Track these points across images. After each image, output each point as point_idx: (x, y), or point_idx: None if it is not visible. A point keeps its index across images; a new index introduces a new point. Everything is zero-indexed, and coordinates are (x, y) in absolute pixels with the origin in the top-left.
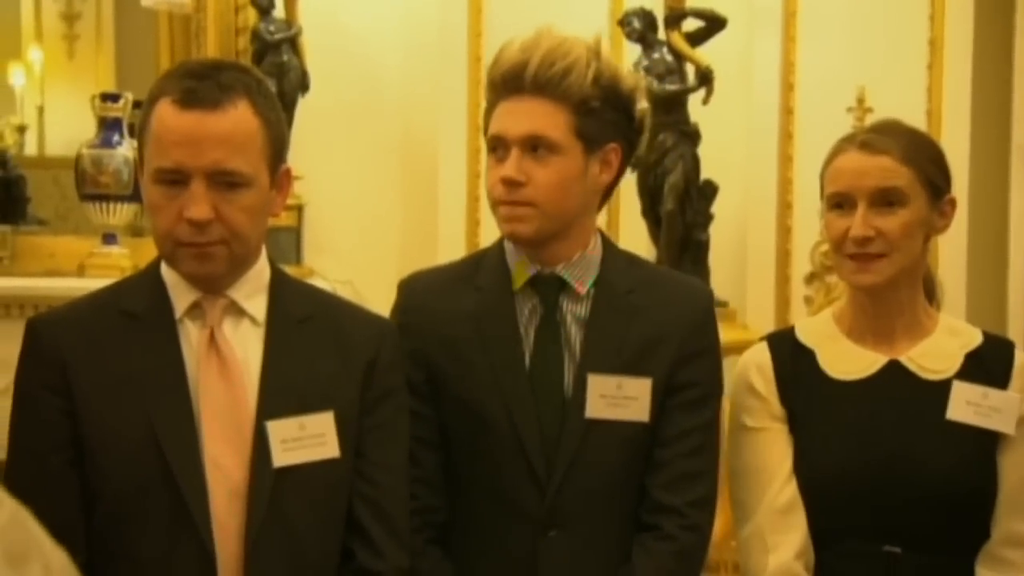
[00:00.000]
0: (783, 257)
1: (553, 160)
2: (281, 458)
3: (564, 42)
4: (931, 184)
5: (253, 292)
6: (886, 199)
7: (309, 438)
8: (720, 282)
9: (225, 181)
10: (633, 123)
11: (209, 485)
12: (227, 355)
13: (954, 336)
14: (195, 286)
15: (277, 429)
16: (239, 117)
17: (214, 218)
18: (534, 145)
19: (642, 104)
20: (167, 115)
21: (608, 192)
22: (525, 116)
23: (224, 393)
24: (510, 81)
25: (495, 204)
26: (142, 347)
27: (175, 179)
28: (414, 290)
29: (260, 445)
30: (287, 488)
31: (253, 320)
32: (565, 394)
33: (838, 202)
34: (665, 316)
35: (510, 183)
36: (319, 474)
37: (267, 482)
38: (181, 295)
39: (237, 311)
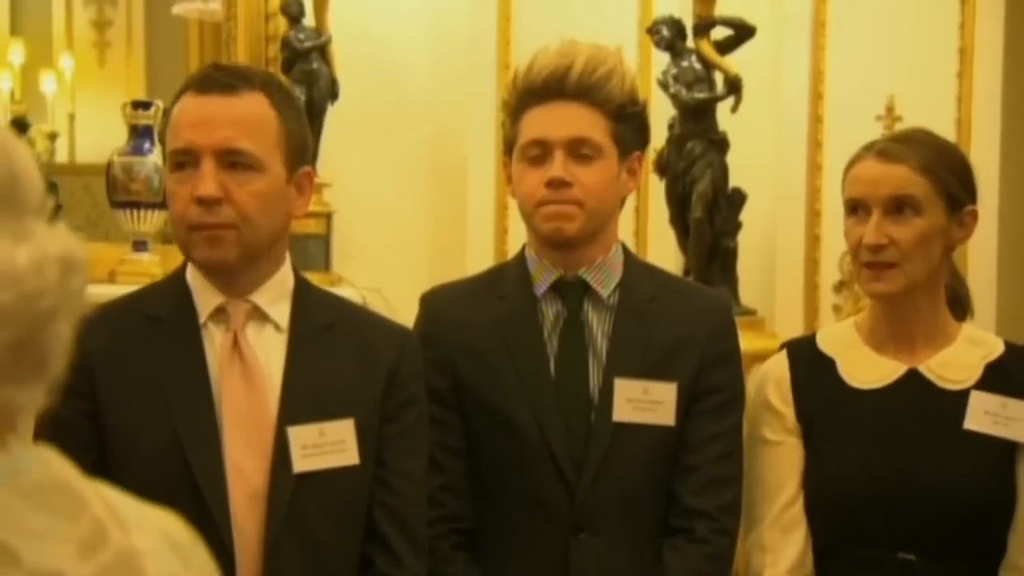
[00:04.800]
0: (812, 265)
1: (597, 163)
2: (301, 464)
3: (601, 49)
4: (949, 195)
5: (277, 298)
6: (900, 207)
7: (329, 445)
8: (748, 290)
9: (233, 161)
10: (648, 132)
11: (229, 488)
12: (250, 359)
13: (976, 346)
14: (218, 287)
15: (298, 435)
16: (252, 103)
17: (223, 198)
18: (579, 148)
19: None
20: (185, 103)
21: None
22: (570, 119)
23: (246, 397)
24: (552, 85)
25: (536, 206)
26: (166, 350)
27: (186, 160)
28: (437, 302)
29: (280, 450)
30: (306, 493)
31: (276, 326)
32: (592, 398)
33: (854, 207)
34: (688, 323)
35: (559, 184)
36: (338, 480)
37: (287, 487)
38: (206, 299)
39: (261, 316)
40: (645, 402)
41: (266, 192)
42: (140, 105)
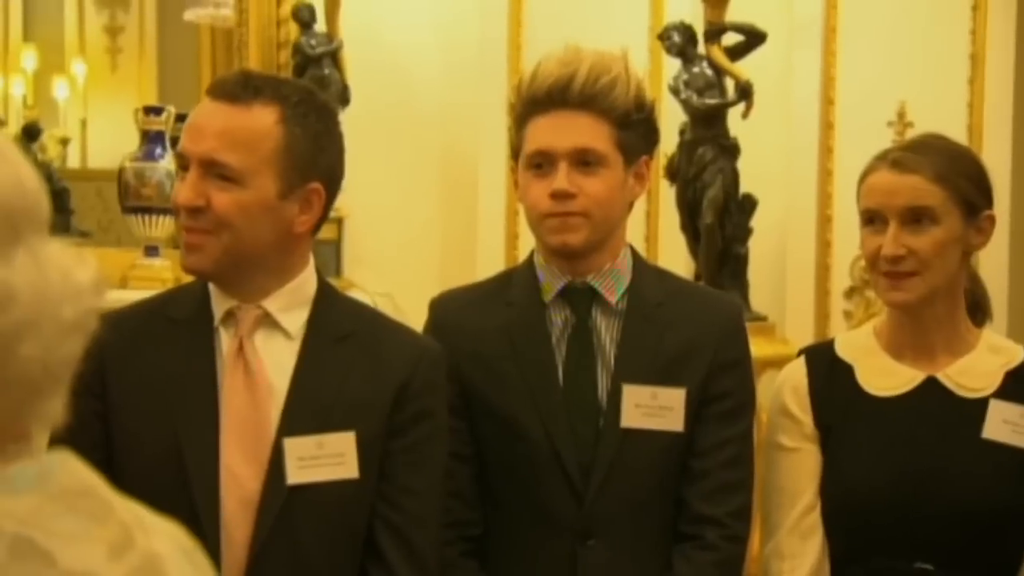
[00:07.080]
0: (823, 271)
1: (602, 172)
2: (296, 475)
3: (604, 56)
4: (965, 201)
5: (292, 305)
6: (916, 217)
7: (327, 457)
8: (759, 296)
9: (216, 173)
10: (657, 135)
11: (222, 494)
12: (254, 366)
13: (996, 354)
14: (225, 292)
15: (294, 446)
16: (254, 116)
17: (204, 206)
18: (583, 158)
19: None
20: (198, 106)
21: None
22: (572, 130)
23: (247, 404)
24: (555, 95)
25: (541, 217)
26: (178, 352)
27: (183, 164)
28: (445, 308)
29: (276, 460)
30: (300, 504)
31: (286, 334)
32: (600, 404)
33: (870, 218)
34: (697, 327)
35: (563, 195)
36: (335, 493)
37: (279, 497)
38: (219, 302)
39: (271, 323)
40: (654, 408)
41: (247, 204)
42: (152, 110)
